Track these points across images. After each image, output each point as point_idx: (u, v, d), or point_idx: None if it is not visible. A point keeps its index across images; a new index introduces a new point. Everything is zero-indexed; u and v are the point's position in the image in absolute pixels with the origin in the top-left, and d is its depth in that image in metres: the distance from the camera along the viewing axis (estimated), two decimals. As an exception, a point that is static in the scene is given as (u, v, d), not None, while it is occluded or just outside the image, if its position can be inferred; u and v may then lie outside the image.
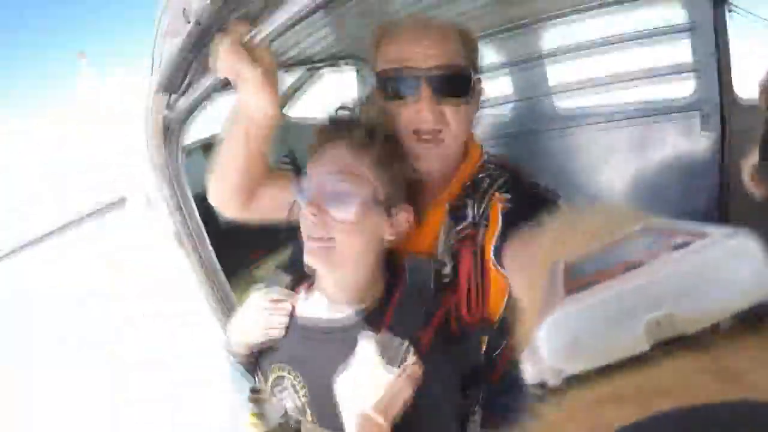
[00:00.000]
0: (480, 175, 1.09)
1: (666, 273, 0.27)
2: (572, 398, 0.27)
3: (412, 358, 0.91)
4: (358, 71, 2.63)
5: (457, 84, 1.02)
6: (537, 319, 0.30)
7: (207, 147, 2.36)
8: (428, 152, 1.04)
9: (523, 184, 1.06)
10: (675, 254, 0.28)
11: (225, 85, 1.25)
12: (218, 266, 1.71)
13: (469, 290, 1.04)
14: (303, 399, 1.04)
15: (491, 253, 0.97)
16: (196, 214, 1.66)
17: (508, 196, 1.02)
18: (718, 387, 0.23)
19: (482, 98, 1.14)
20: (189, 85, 1.26)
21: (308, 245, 0.98)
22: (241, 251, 1.86)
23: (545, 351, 0.28)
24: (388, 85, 1.04)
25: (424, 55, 0.99)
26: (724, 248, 0.27)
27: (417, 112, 1.01)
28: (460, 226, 1.04)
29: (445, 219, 1.06)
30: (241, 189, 1.10)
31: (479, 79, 1.09)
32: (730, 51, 1.80)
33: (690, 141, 1.98)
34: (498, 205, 1.01)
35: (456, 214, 1.05)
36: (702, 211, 1.99)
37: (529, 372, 0.29)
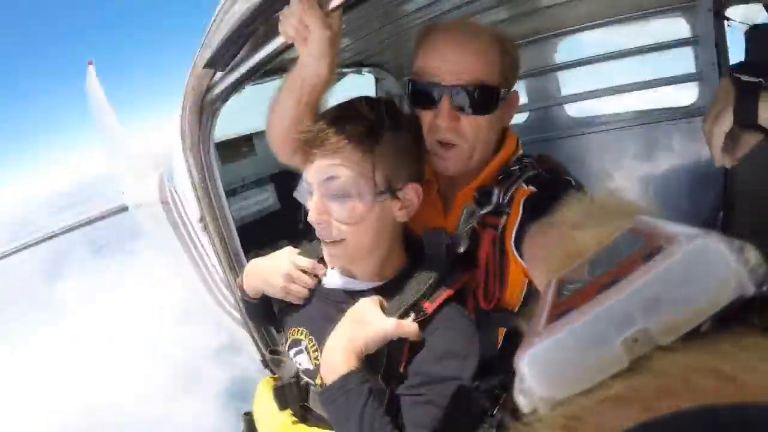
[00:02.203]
0: (512, 168, 1.12)
1: (632, 290, 0.28)
2: (575, 401, 0.28)
3: (409, 322, 0.93)
4: (377, 80, 2.71)
5: (480, 100, 1.04)
6: (523, 341, 0.31)
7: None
8: (444, 158, 1.09)
9: (552, 179, 1.07)
10: (642, 267, 0.29)
11: (265, 73, 1.31)
12: (242, 253, 1.71)
13: (487, 275, 1.07)
14: (315, 362, 1.06)
15: (512, 241, 1.00)
16: (224, 199, 1.67)
17: (536, 185, 1.05)
18: (718, 387, 0.23)
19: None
20: (235, 65, 1.31)
21: (323, 246, 1.01)
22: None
23: (531, 383, 0.29)
24: (415, 93, 1.09)
25: (450, 72, 1.03)
26: (686, 254, 0.27)
27: (436, 123, 1.05)
28: (484, 211, 1.07)
29: (469, 203, 1.10)
30: (289, 139, 1.09)
31: (514, 91, 1.11)
32: (729, 60, 1.91)
33: (695, 144, 2.08)
34: (522, 194, 1.05)
35: (481, 200, 1.08)
36: (708, 210, 2.07)
37: (522, 402, 0.30)
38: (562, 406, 0.28)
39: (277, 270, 1.13)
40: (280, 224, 2.62)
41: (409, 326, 0.92)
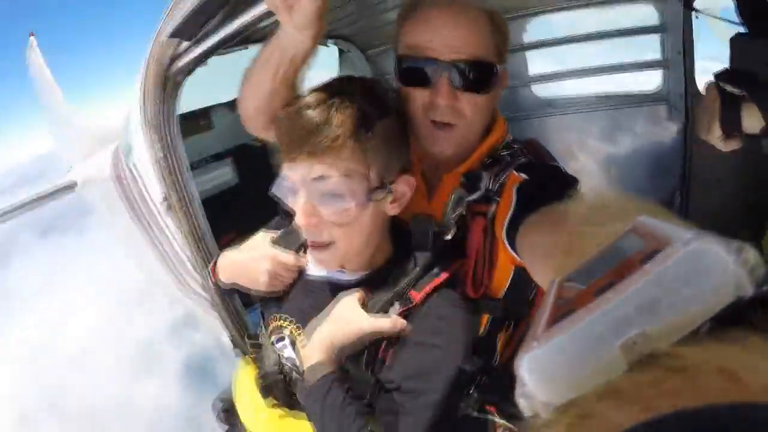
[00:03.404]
0: (501, 153, 1.09)
1: (630, 293, 0.28)
2: (576, 402, 0.28)
3: (392, 318, 0.91)
4: (342, 52, 2.62)
5: (478, 77, 0.99)
6: (525, 343, 0.31)
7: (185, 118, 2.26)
8: (441, 138, 1.03)
9: (543, 167, 1.05)
10: (640, 270, 0.29)
11: (233, 44, 1.23)
12: (210, 233, 1.65)
13: (476, 263, 1.05)
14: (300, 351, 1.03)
15: (503, 232, 0.96)
16: (189, 177, 1.58)
17: (527, 173, 1.01)
18: (718, 387, 0.23)
19: None
20: (203, 35, 1.23)
21: (311, 250, 0.96)
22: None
23: (531, 387, 0.29)
24: (407, 71, 1.02)
25: (446, 46, 0.96)
26: (684, 257, 0.27)
27: (433, 102, 0.99)
28: (471, 198, 1.04)
29: (457, 188, 1.06)
30: (263, 112, 1.04)
31: (504, 69, 1.06)
32: (694, 49, 1.99)
33: (657, 128, 2.17)
34: (513, 181, 1.01)
35: (469, 185, 1.05)
36: (667, 192, 2.17)
37: (523, 405, 0.30)
38: (563, 408, 0.28)
39: (258, 267, 1.07)
40: (241, 200, 2.56)
41: (384, 323, 0.90)
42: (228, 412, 1.32)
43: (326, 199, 0.86)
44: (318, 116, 0.83)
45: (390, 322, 0.90)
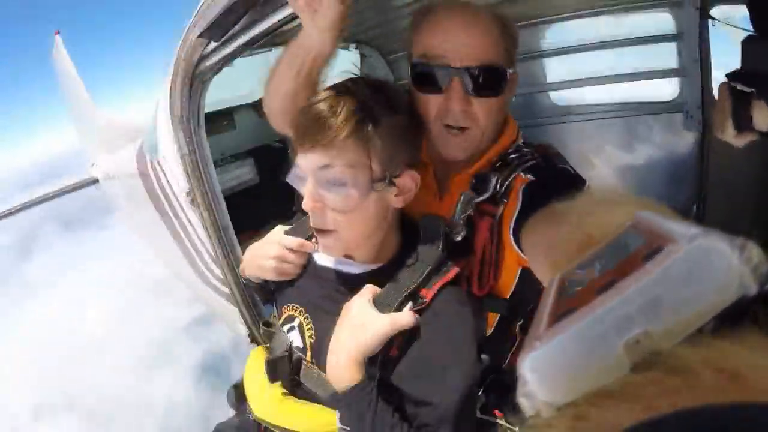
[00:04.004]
0: (511, 155, 1.11)
1: (632, 291, 0.27)
2: (578, 401, 0.28)
3: (406, 312, 0.93)
4: (363, 56, 2.68)
5: (490, 82, 1.02)
6: (525, 343, 0.31)
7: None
8: (455, 142, 1.06)
9: (550, 169, 1.07)
10: (642, 268, 0.28)
11: (261, 45, 1.28)
12: (231, 227, 1.70)
13: (482, 263, 1.07)
14: (309, 340, 1.07)
15: (510, 232, 0.99)
16: (214, 173, 1.64)
17: (534, 174, 1.04)
18: (721, 386, 0.24)
19: None
20: (231, 36, 1.27)
21: (317, 236, 1.00)
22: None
23: (533, 387, 0.29)
24: (420, 76, 1.04)
25: (458, 52, 0.99)
26: (687, 255, 0.27)
27: (447, 107, 1.02)
28: (480, 199, 1.06)
29: (467, 189, 1.08)
30: (287, 110, 1.08)
31: (515, 72, 1.08)
32: (711, 58, 1.98)
33: (674, 137, 2.16)
34: (520, 183, 1.04)
35: (479, 186, 1.07)
36: (683, 201, 2.17)
37: (525, 405, 0.30)
38: (565, 407, 0.28)
39: (267, 253, 1.13)
40: (261, 198, 2.62)
41: (403, 318, 0.92)
42: (239, 399, 1.36)
43: (330, 187, 0.91)
44: (326, 110, 0.89)
45: (407, 317, 0.93)
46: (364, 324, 0.92)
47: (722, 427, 0.22)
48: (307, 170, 0.93)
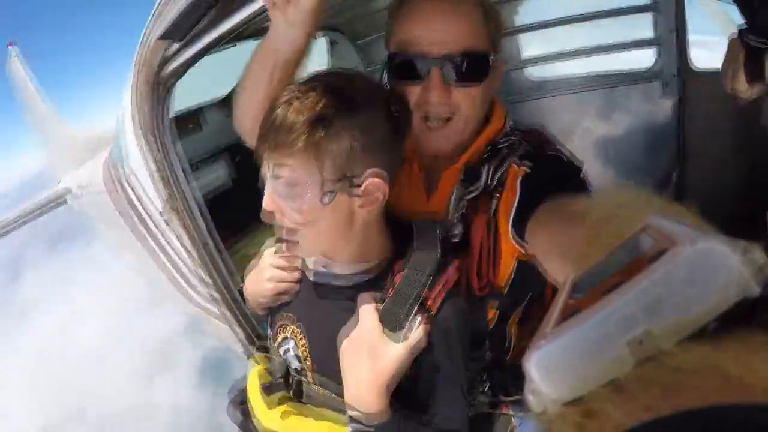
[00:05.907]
0: (501, 143, 1.06)
1: (635, 292, 0.28)
2: (584, 399, 0.28)
3: (418, 330, 0.89)
4: (332, 42, 2.59)
5: (473, 69, 0.97)
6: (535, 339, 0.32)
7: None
8: (437, 135, 1.01)
9: (545, 156, 1.02)
10: (646, 269, 0.29)
11: (226, 41, 1.20)
12: (211, 242, 1.61)
13: (480, 257, 1.03)
14: (302, 349, 1.04)
15: (509, 225, 0.95)
16: (186, 182, 1.55)
17: (529, 163, 0.99)
18: (723, 387, 0.24)
19: None
20: (194, 35, 1.19)
21: (284, 245, 0.98)
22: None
23: (540, 384, 0.30)
24: (399, 67, 1.00)
25: (437, 41, 0.94)
26: (689, 257, 0.28)
27: (425, 99, 0.97)
28: (472, 194, 1.02)
29: (458, 183, 1.04)
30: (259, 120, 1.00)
31: (499, 56, 1.03)
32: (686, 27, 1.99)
33: (651, 106, 2.18)
34: (515, 173, 0.99)
35: (470, 178, 1.03)
36: (663, 169, 2.19)
37: (532, 402, 0.31)
38: (570, 405, 0.28)
39: (261, 278, 1.10)
40: (236, 200, 2.52)
41: (418, 340, 0.89)
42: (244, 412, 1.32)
43: (283, 195, 0.87)
44: (279, 114, 0.84)
45: (421, 337, 0.89)
46: (380, 353, 0.87)
47: (724, 428, 0.22)
48: (266, 175, 0.90)
